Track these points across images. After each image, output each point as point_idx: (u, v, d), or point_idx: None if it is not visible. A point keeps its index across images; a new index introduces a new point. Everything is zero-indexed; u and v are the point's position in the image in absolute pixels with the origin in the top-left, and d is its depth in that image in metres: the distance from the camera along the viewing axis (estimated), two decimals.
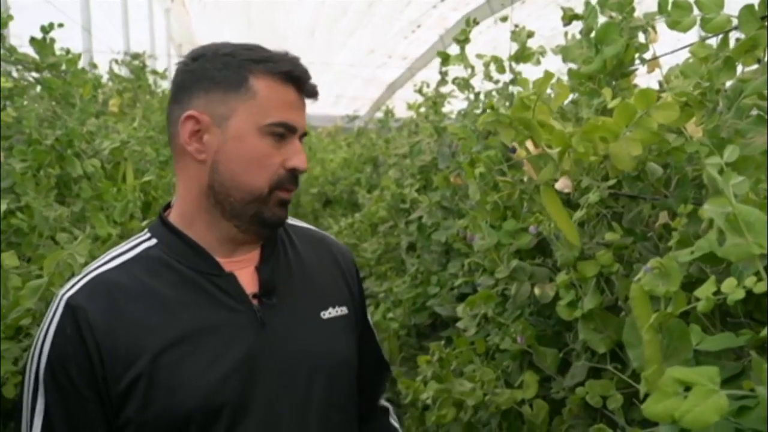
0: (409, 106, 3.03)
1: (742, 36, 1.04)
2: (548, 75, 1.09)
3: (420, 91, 2.71)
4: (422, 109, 2.77)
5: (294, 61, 1.00)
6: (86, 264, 1.05)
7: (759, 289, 0.69)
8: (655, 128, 0.92)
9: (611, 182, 1.23)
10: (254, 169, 0.97)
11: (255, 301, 1.00)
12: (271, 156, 0.97)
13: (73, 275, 1.07)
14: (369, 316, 1.25)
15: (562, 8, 1.45)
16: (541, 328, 1.47)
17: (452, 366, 1.60)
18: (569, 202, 1.42)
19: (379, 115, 4.60)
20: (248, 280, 1.01)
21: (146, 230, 1.04)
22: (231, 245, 1.02)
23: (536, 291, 1.40)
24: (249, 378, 0.96)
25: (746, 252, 0.66)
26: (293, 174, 1.00)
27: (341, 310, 1.10)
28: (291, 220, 1.17)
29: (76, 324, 0.91)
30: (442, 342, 1.57)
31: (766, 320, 0.93)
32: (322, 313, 1.07)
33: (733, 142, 0.89)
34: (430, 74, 2.50)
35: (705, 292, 0.74)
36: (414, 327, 2.22)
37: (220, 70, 0.97)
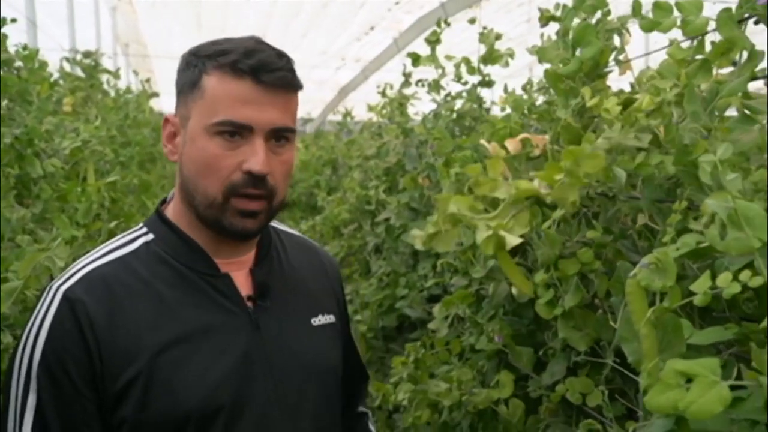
0: (370, 108, 3.03)
1: (717, 38, 1.07)
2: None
3: (383, 93, 2.71)
4: (384, 111, 2.77)
5: (248, 50, 0.90)
6: (65, 268, 1.00)
7: (755, 283, 0.71)
8: (583, 179, 1.00)
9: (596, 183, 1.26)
10: (206, 173, 0.91)
11: (249, 303, 0.99)
12: (223, 158, 0.90)
13: (52, 277, 1.02)
14: (351, 326, 1.24)
15: (540, 9, 1.47)
16: (516, 327, 1.48)
17: (428, 366, 1.60)
18: (547, 203, 1.44)
19: (333, 117, 4.58)
20: (243, 282, 0.99)
21: (141, 224, 1.01)
22: (223, 245, 0.98)
23: (513, 290, 1.41)
24: (245, 380, 0.94)
25: (746, 246, 0.68)
26: (252, 177, 0.90)
27: (329, 318, 1.09)
28: (282, 226, 1.15)
29: (75, 317, 0.88)
30: (419, 344, 1.56)
31: (745, 316, 0.96)
32: (312, 320, 1.06)
33: (695, 147, 0.91)
34: (384, 77, 2.51)
35: (702, 286, 0.76)
36: (381, 330, 2.22)
37: (184, 70, 0.95)
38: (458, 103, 2.02)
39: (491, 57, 1.91)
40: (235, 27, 8.24)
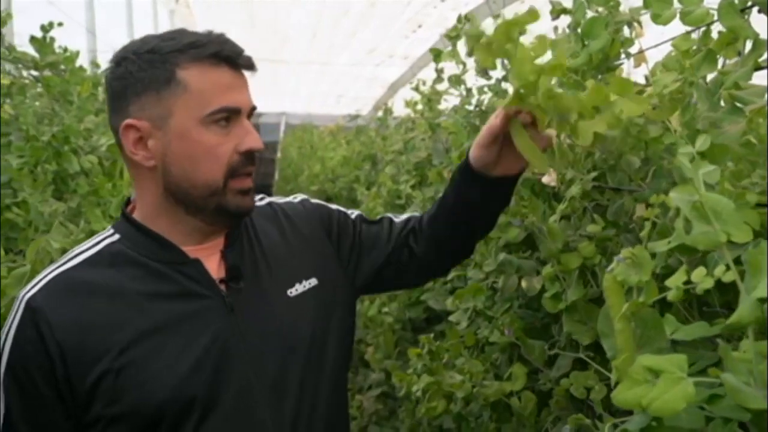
0: (407, 104, 3.05)
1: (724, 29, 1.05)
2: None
3: (416, 89, 2.73)
4: (419, 107, 2.79)
5: (220, 40, 0.94)
6: (62, 251, 1.05)
7: (728, 278, 0.70)
8: (619, 116, 0.93)
9: (593, 174, 1.25)
10: (207, 163, 0.93)
11: (222, 287, 0.98)
12: (221, 144, 0.93)
13: (52, 262, 1.08)
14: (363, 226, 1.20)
15: (551, 3, 1.47)
16: (530, 320, 1.48)
17: (444, 359, 1.62)
18: (556, 196, 1.44)
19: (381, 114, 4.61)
20: (214, 266, 0.99)
21: (110, 227, 1.02)
22: (198, 236, 0.99)
23: (523, 284, 1.42)
24: (220, 365, 0.94)
25: (714, 240, 0.68)
26: (248, 156, 0.95)
27: (310, 283, 1.07)
28: None
29: (35, 325, 0.89)
30: (432, 335, 1.58)
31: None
32: (289, 291, 1.04)
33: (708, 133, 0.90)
34: (432, 73, 2.51)
35: (676, 281, 0.76)
36: (409, 321, 2.24)
37: (146, 70, 0.92)
38: (486, 99, 2.03)
39: None
40: (286, 27, 8.39)
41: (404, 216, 1.25)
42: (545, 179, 1.40)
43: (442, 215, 1.16)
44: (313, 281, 1.07)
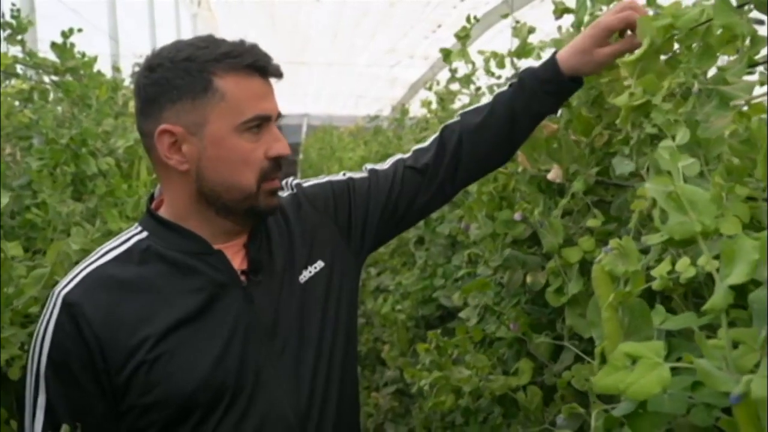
0: (422, 104, 3.07)
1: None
2: None
3: (430, 88, 2.75)
4: (433, 106, 2.81)
5: (254, 50, 0.99)
6: (81, 252, 1.10)
7: (710, 267, 0.72)
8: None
9: (596, 169, 1.27)
10: (241, 169, 0.98)
11: (243, 278, 1.03)
12: (254, 151, 0.98)
13: (74, 264, 1.12)
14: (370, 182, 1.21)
15: (554, 2, 1.48)
16: (536, 316, 1.50)
17: (453, 354, 1.64)
18: (561, 193, 1.45)
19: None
20: (238, 260, 1.04)
21: (137, 224, 1.06)
22: (225, 236, 1.04)
23: (528, 279, 1.43)
24: (243, 354, 0.99)
25: (689, 230, 0.69)
26: (277, 161, 1.00)
27: (318, 265, 1.11)
28: None
29: (73, 320, 0.94)
30: (439, 330, 1.60)
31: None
32: (300, 278, 1.08)
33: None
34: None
35: (660, 271, 0.77)
36: (423, 318, 2.26)
37: (183, 77, 0.95)
38: None
39: (524, 51, 1.92)
40: (306, 28, 8.45)
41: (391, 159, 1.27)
42: (550, 175, 1.42)
43: (490, 129, 1.21)
44: (320, 264, 1.11)
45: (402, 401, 2.61)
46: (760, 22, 0.99)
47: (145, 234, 1.03)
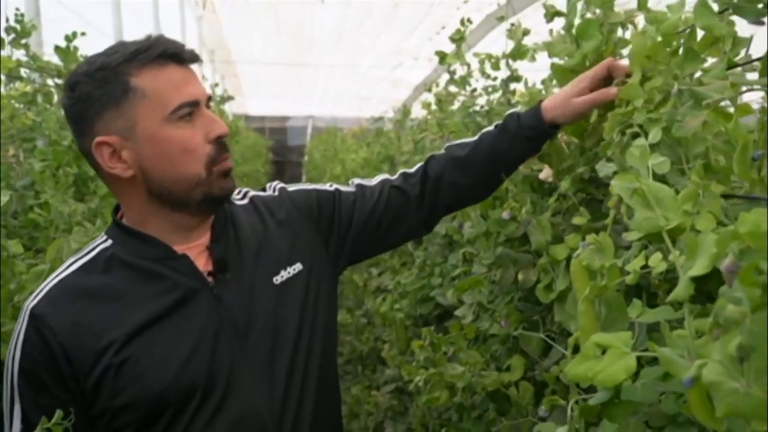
0: (423, 105, 3.10)
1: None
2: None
3: (429, 90, 2.78)
4: (433, 107, 2.83)
5: (161, 40, 0.98)
6: (79, 249, 1.12)
7: (680, 262, 0.74)
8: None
9: (583, 168, 1.29)
10: (183, 159, 0.98)
11: (210, 279, 1.04)
12: (192, 138, 0.98)
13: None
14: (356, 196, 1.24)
15: (544, 6, 1.50)
16: (529, 313, 1.52)
17: (448, 352, 1.66)
18: (553, 192, 1.48)
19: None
20: (202, 262, 1.05)
21: (103, 233, 1.08)
22: (184, 231, 1.04)
23: (520, 276, 1.46)
24: (213, 353, 1.00)
25: (654, 225, 0.72)
26: (220, 142, 1.00)
27: (295, 268, 1.11)
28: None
29: (39, 332, 0.96)
30: (433, 327, 1.63)
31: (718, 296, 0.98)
32: (274, 279, 1.09)
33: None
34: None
35: (634, 266, 0.80)
36: (421, 317, 2.29)
37: (101, 87, 0.95)
38: (494, 98, 2.07)
39: (519, 52, 1.95)
40: (311, 30, 8.50)
41: (378, 177, 1.30)
42: (542, 175, 1.44)
43: (472, 165, 1.26)
44: (298, 266, 1.12)
45: (401, 399, 2.63)
46: (760, 23, 1.01)
47: (109, 242, 1.04)
